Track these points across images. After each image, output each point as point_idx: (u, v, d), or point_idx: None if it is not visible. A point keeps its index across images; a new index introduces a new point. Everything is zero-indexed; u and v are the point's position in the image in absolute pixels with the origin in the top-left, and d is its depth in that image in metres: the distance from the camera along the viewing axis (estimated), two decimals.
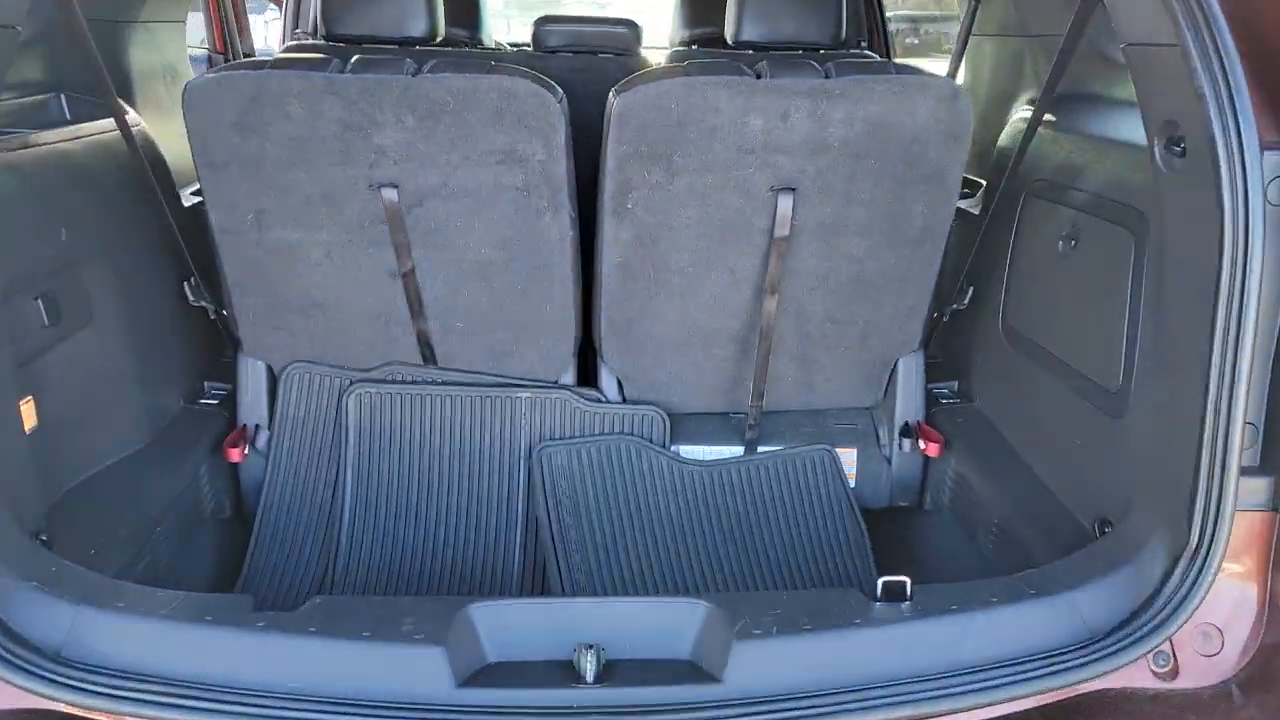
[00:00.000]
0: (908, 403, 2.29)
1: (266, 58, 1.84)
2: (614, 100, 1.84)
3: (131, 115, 2.23)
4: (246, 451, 2.14)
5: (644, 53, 3.11)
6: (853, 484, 2.30)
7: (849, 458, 2.31)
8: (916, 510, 2.36)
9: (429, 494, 2.16)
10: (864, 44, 3.91)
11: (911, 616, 1.44)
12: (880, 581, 1.50)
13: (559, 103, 1.83)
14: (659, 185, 1.91)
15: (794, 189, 1.92)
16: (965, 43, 2.75)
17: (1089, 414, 1.82)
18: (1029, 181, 2.13)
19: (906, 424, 2.29)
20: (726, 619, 1.41)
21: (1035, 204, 2.10)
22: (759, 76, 1.83)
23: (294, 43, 2.86)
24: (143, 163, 2.05)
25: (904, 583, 1.49)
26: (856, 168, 1.90)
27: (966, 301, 2.25)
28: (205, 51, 3.60)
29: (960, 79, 2.82)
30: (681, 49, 2.99)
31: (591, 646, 1.38)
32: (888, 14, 4.04)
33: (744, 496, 2.22)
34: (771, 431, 2.32)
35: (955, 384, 2.45)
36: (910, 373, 2.29)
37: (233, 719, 1.26)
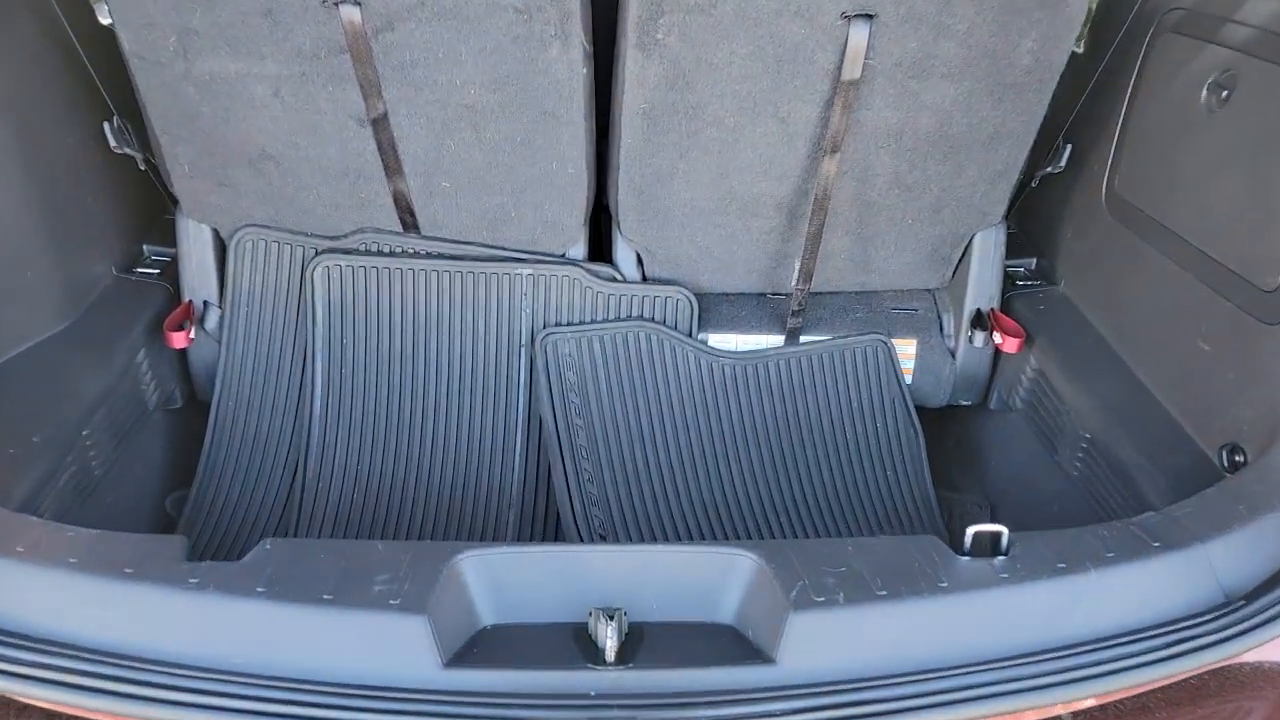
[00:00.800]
0: (981, 286, 1.95)
1: None
2: None
3: None
4: (193, 334, 1.82)
5: None
6: (909, 380, 1.99)
7: (906, 350, 1.99)
8: (980, 410, 2.07)
9: (412, 389, 1.86)
10: None
11: (1010, 577, 1.16)
12: (970, 532, 1.22)
13: None
14: (698, 9, 1.49)
15: (872, 16, 1.51)
16: None
17: (1227, 315, 1.48)
18: (1161, 10, 1.70)
19: (979, 312, 1.95)
20: (780, 579, 1.14)
21: (1169, 41, 1.68)
22: None
23: None
24: None
25: (999, 533, 1.21)
26: None
27: (1064, 163, 1.87)
28: None
29: None
30: None
31: (612, 615, 1.11)
32: None
33: (783, 395, 1.92)
34: (816, 318, 1.99)
35: (1034, 261, 2.10)
36: (988, 250, 1.93)
37: (151, 704, 1.01)
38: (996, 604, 1.15)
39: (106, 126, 1.75)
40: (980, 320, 1.94)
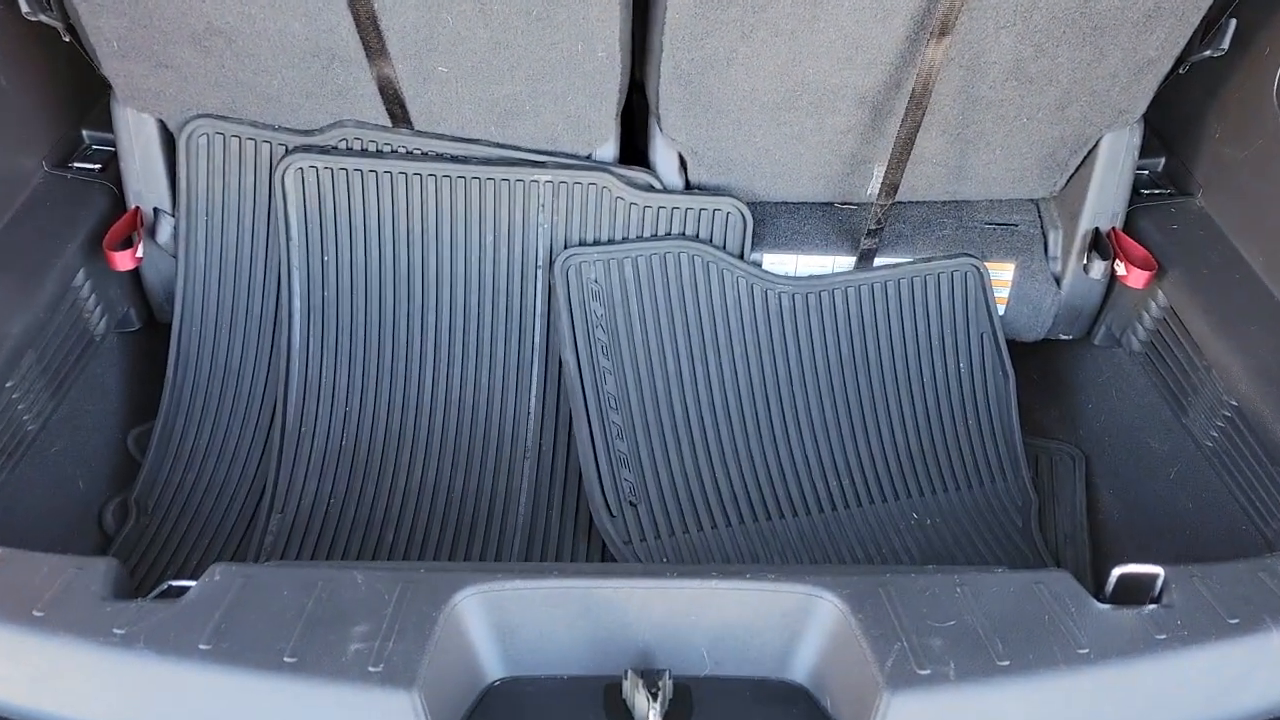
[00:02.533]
0: (1104, 200, 1.62)
1: None
2: None
3: None
4: (141, 252, 1.54)
5: None
6: (1001, 311, 1.69)
7: (1002, 275, 1.68)
8: (1082, 343, 1.77)
9: (406, 319, 1.59)
10: None
11: (1168, 639, 0.92)
12: (1115, 575, 0.97)
13: None
14: None
15: None
16: None
17: None
18: None
19: (1097, 232, 1.63)
20: (871, 636, 0.90)
21: None
22: None
23: None
24: None
25: (1155, 576, 0.96)
26: None
27: (1226, 44, 1.49)
28: None
29: None
30: None
31: (655, 681, 0.88)
32: None
33: (850, 331, 1.64)
34: (895, 234, 1.68)
35: (1161, 162, 1.75)
36: (1117, 156, 1.59)
37: None
38: (1153, 675, 0.91)
39: None
40: (1100, 244, 1.62)
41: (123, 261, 1.49)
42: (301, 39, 1.38)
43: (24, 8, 1.41)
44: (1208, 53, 1.49)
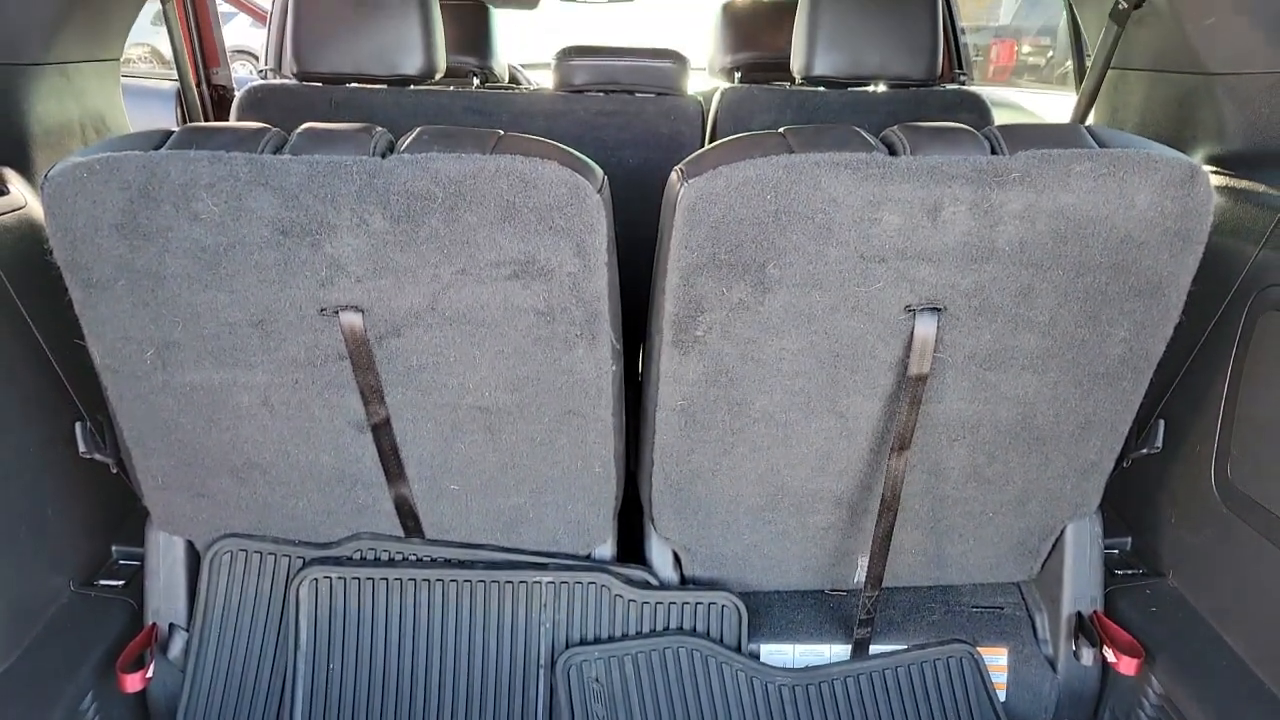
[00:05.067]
0: (1079, 585, 1.74)
1: (169, 130, 1.32)
2: (679, 188, 1.31)
3: (16, 191, 1.73)
4: (152, 671, 1.61)
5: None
6: (1002, 696, 1.74)
7: (996, 660, 1.76)
8: None
9: None
10: (962, 74, 3.39)
11: None
12: None
13: (599, 191, 1.31)
14: (744, 306, 1.38)
15: (940, 309, 1.39)
16: (1100, 79, 2.20)
17: None
18: (1259, 286, 1.58)
19: (1079, 616, 1.73)
20: None
21: (1272, 320, 1.55)
22: (894, 152, 1.30)
23: (258, 83, 2.36)
24: (20, 258, 1.55)
25: None
26: (1034, 280, 1.37)
27: (1159, 443, 1.70)
28: (175, 86, 3.11)
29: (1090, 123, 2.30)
30: (733, 88, 2.47)
31: None
32: None
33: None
34: (886, 620, 1.77)
35: (1129, 541, 1.90)
36: (1083, 543, 1.74)
37: None
38: None
39: (78, 428, 1.62)
40: (1085, 629, 1.71)
41: (133, 684, 1.56)
42: (329, 468, 1.57)
43: (80, 446, 1.62)
44: (1144, 451, 1.69)
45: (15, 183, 1.77)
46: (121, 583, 1.74)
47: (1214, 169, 1.79)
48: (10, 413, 1.57)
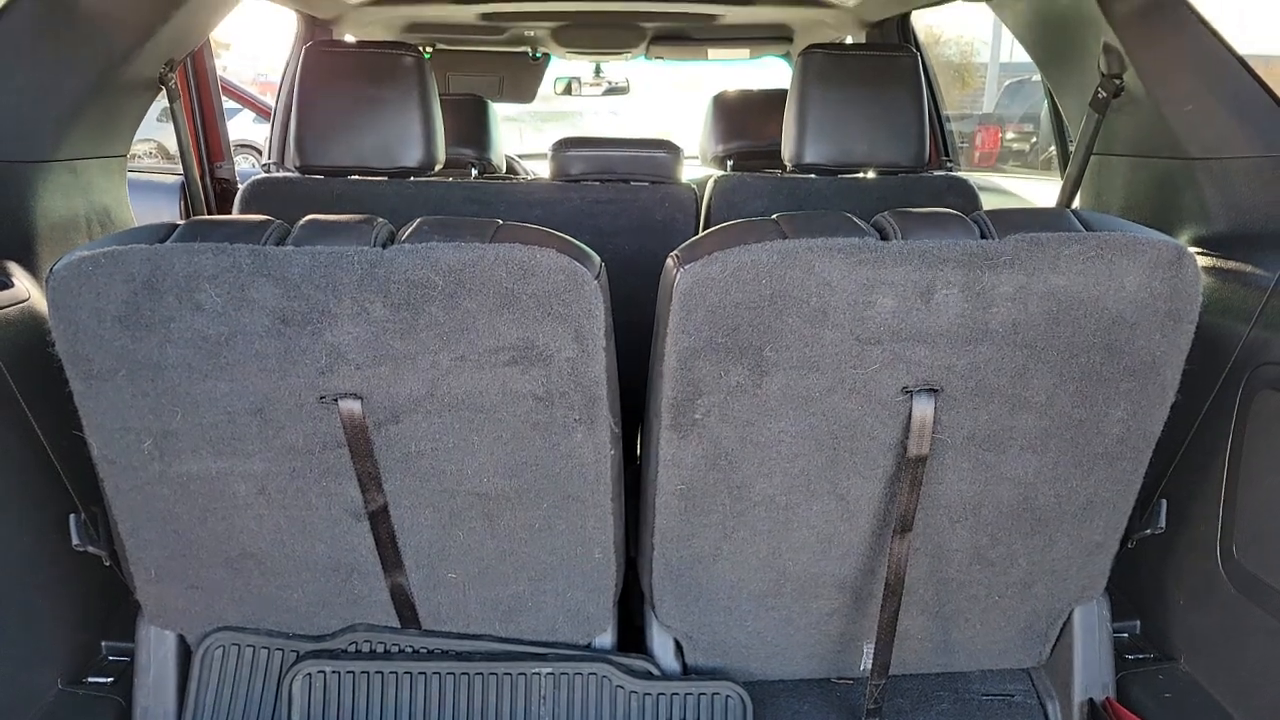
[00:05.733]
0: (1090, 671, 1.71)
1: (175, 224, 1.35)
2: (675, 273, 1.33)
3: (21, 285, 1.75)
4: None
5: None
6: None
7: None
8: None
9: None
10: (949, 161, 3.48)
11: None
12: None
13: (596, 277, 1.34)
14: (741, 389, 1.39)
15: (937, 390, 1.40)
16: (1084, 165, 2.26)
17: None
18: (1253, 364, 1.59)
19: (1092, 703, 1.70)
20: None
21: (1267, 399, 1.56)
22: (885, 237, 1.33)
23: (261, 176, 2.42)
24: (21, 350, 1.56)
25: None
26: (1029, 361, 1.38)
27: (1163, 523, 1.69)
28: (179, 179, 3.18)
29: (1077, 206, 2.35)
30: (726, 176, 2.53)
31: None
32: None
33: None
34: (894, 710, 1.73)
35: (1137, 624, 1.87)
36: (1091, 627, 1.71)
37: None
38: None
39: (72, 520, 1.61)
40: (1098, 717, 1.67)
41: None
42: (325, 557, 1.56)
43: (74, 539, 1.61)
44: (1148, 531, 1.68)
45: (20, 276, 1.80)
46: (110, 679, 1.70)
47: (1199, 250, 1.83)
48: (5, 504, 1.56)
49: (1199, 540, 1.69)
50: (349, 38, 3.82)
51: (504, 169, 3.96)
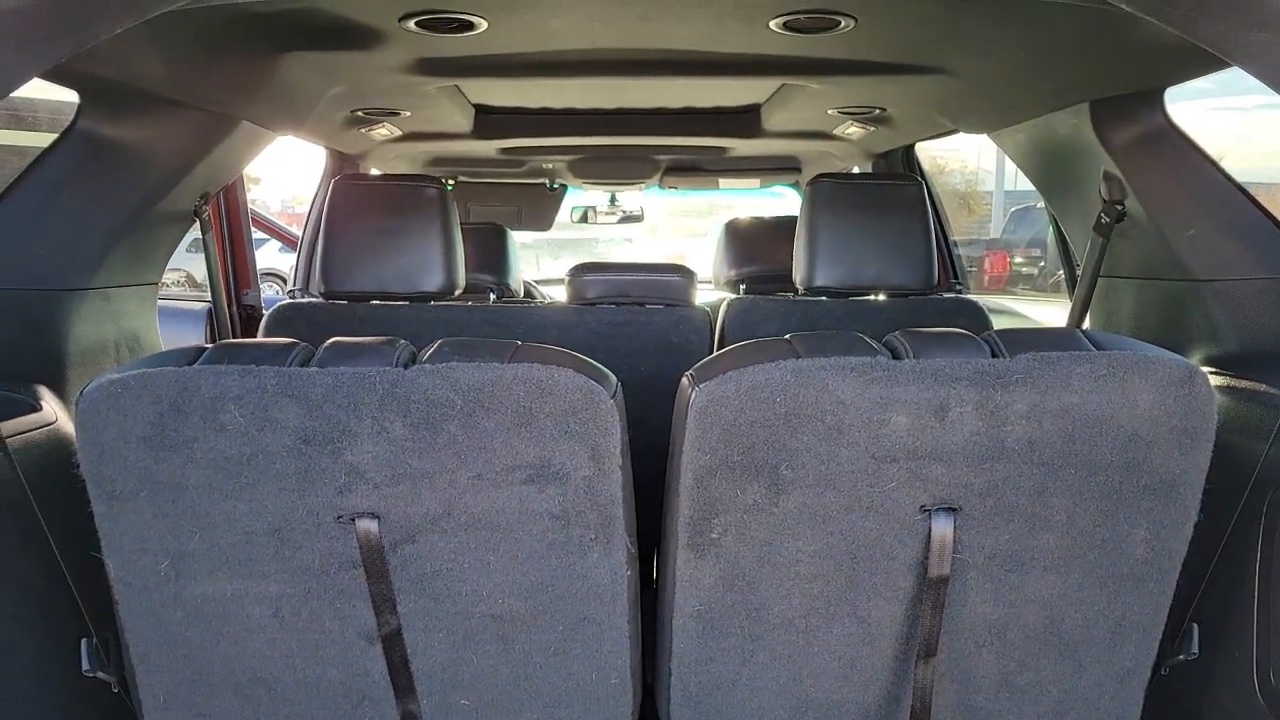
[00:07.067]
0: None
1: (203, 346, 1.39)
2: (690, 392, 1.36)
3: (49, 407, 1.79)
4: None
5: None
6: None
7: None
8: None
9: None
10: (958, 284, 3.56)
11: None
12: None
13: (612, 396, 1.36)
14: (758, 508, 1.39)
15: (955, 509, 1.40)
16: (1091, 287, 2.31)
17: None
18: (1276, 484, 1.58)
19: None
20: None
21: None
22: (897, 356, 1.36)
23: (287, 302, 2.50)
24: (46, 473, 1.59)
25: None
26: (1047, 479, 1.38)
27: (1195, 649, 1.65)
28: (206, 306, 3.29)
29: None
30: (739, 299, 2.59)
31: None
32: None
33: None
34: None
35: None
36: None
37: None
38: None
39: (84, 645, 1.59)
40: None
41: None
42: (337, 683, 1.53)
43: (84, 664, 1.59)
44: (1181, 657, 1.63)
45: (48, 399, 1.84)
46: None
47: (1212, 370, 1.85)
48: (17, 627, 1.55)
49: (1234, 666, 1.64)
50: (374, 170, 3.99)
51: (521, 294, 4.06)
